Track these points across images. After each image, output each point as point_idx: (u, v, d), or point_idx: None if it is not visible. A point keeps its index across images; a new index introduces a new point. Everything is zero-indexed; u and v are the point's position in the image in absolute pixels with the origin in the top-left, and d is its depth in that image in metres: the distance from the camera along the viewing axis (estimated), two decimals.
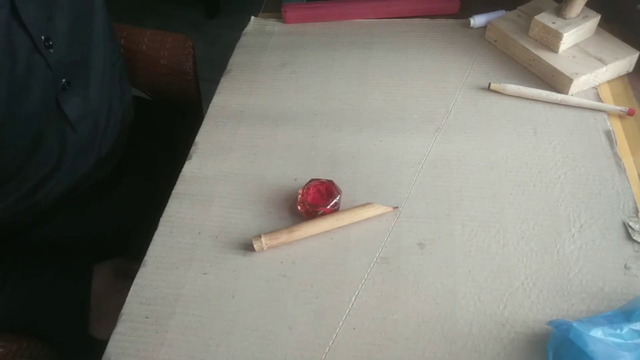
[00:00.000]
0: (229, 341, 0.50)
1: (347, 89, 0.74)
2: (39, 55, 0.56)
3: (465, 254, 0.55)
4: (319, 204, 0.57)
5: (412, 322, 0.50)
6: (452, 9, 0.84)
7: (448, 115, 0.69)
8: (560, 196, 0.59)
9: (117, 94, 0.74)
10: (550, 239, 0.55)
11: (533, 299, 0.51)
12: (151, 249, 0.58)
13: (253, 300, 0.53)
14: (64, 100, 0.62)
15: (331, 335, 0.50)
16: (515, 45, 0.74)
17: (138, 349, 0.50)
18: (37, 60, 0.56)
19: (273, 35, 0.84)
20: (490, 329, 0.49)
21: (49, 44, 0.57)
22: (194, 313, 0.52)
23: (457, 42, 0.79)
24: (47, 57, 0.57)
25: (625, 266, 0.52)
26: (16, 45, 0.53)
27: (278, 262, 0.55)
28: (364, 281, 0.53)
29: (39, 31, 0.56)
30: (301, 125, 0.69)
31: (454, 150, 0.64)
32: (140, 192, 0.77)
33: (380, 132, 0.67)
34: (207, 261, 0.56)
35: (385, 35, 0.82)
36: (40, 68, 0.57)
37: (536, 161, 0.62)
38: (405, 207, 0.59)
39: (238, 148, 0.67)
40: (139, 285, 0.55)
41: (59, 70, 0.60)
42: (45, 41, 0.57)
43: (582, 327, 0.43)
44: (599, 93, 0.69)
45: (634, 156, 0.62)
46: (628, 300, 0.48)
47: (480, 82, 0.72)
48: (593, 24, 0.71)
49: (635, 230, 0.55)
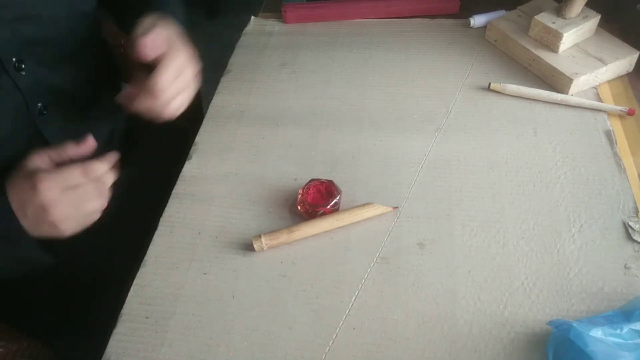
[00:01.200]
0: (229, 341, 0.50)
1: (347, 89, 0.74)
2: (6, 77, 0.55)
3: (465, 254, 0.55)
4: (319, 204, 0.57)
5: (412, 322, 0.50)
6: (452, 9, 0.85)
7: (448, 115, 0.69)
8: (560, 196, 0.59)
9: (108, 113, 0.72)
10: (550, 239, 0.55)
11: (533, 299, 0.51)
12: (151, 249, 0.58)
13: (253, 300, 0.53)
14: (43, 125, 0.60)
15: (331, 335, 0.50)
16: (515, 45, 0.74)
17: (138, 349, 0.50)
18: (4, 82, 0.55)
19: (273, 35, 0.84)
20: (490, 329, 0.49)
21: (19, 67, 0.55)
22: (194, 313, 0.52)
23: (457, 42, 0.79)
24: (17, 80, 0.56)
25: (625, 266, 0.52)
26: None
27: (278, 262, 0.55)
28: (364, 281, 0.53)
29: (8, 53, 0.54)
30: (301, 125, 0.69)
31: (454, 150, 0.64)
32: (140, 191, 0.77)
33: (380, 132, 0.67)
34: (207, 261, 0.56)
35: (385, 35, 0.82)
36: (7, 90, 0.55)
37: (536, 161, 0.62)
38: (405, 207, 0.59)
39: (238, 148, 0.67)
40: (139, 285, 0.55)
41: (33, 94, 0.58)
42: (16, 63, 0.55)
43: (582, 327, 0.43)
44: (599, 93, 0.69)
45: (634, 156, 0.62)
46: (628, 300, 0.48)
47: (480, 82, 0.72)
48: (593, 24, 0.71)
49: (635, 230, 0.55)
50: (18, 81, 0.56)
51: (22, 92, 0.57)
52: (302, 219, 0.58)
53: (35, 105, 0.59)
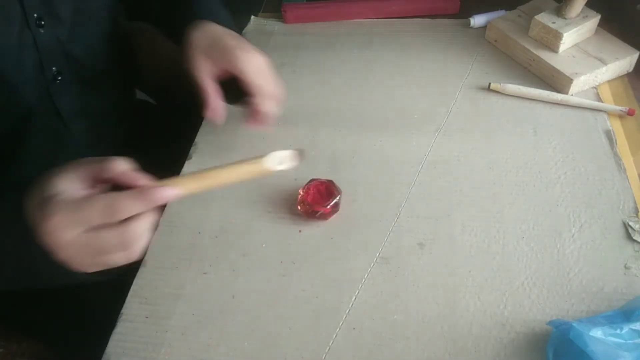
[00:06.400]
0: (229, 341, 0.50)
1: (347, 89, 0.74)
2: (28, 32, 0.55)
3: (465, 254, 0.55)
4: (319, 203, 0.57)
5: (412, 322, 0.50)
6: (452, 9, 0.84)
7: (448, 115, 0.69)
8: (560, 196, 0.59)
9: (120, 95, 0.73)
10: (550, 239, 0.55)
11: (533, 299, 0.51)
12: (151, 249, 0.58)
13: (253, 300, 0.53)
14: (56, 93, 0.61)
15: (331, 335, 0.50)
16: (515, 45, 0.74)
17: (138, 349, 0.50)
18: (26, 37, 0.55)
19: (273, 35, 0.84)
20: (490, 329, 0.49)
21: (39, 24, 0.56)
22: (194, 313, 0.52)
23: (457, 42, 0.79)
24: (36, 37, 0.56)
25: (625, 266, 0.52)
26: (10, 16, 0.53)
27: (278, 262, 0.55)
28: (364, 281, 0.53)
29: (32, 8, 0.55)
30: (301, 125, 0.69)
31: (454, 150, 0.64)
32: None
33: (380, 132, 0.67)
34: (207, 261, 0.56)
35: (385, 35, 0.82)
36: (28, 47, 0.56)
37: (536, 161, 0.62)
38: (405, 207, 0.59)
39: (238, 148, 0.67)
40: (139, 285, 0.55)
41: (49, 55, 0.59)
42: (37, 20, 0.55)
43: (582, 327, 0.43)
44: (599, 93, 0.69)
45: (634, 156, 0.62)
46: (628, 300, 0.48)
47: (480, 82, 0.72)
48: (593, 24, 0.71)
49: (635, 230, 0.55)
50: (37, 38, 0.56)
51: (39, 51, 0.57)
52: (302, 219, 0.58)
53: (50, 69, 0.59)
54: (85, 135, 0.67)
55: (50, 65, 0.59)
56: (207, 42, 0.59)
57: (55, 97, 0.61)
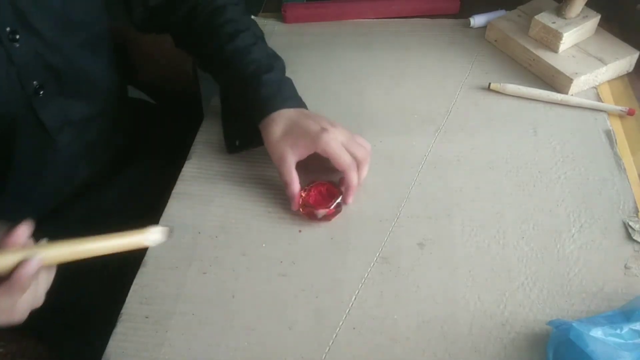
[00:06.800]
0: (229, 341, 0.50)
1: (347, 89, 0.74)
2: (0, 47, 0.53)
3: (465, 254, 0.55)
4: (321, 205, 0.57)
5: (412, 322, 0.50)
6: (452, 9, 0.84)
7: (448, 115, 0.69)
8: (560, 196, 0.59)
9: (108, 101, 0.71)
10: (550, 239, 0.55)
11: (533, 299, 0.51)
12: (151, 248, 0.57)
13: (253, 300, 0.53)
14: (40, 107, 0.59)
15: (331, 335, 0.50)
16: (515, 45, 0.74)
17: (138, 349, 0.50)
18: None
19: (273, 35, 0.84)
20: (490, 329, 0.49)
21: (13, 37, 0.53)
22: (194, 313, 0.52)
23: (457, 42, 0.79)
24: (11, 51, 0.54)
25: (625, 266, 0.52)
26: None
27: (278, 262, 0.55)
28: (364, 281, 0.53)
29: (2, 23, 0.52)
30: None
31: (454, 150, 0.64)
32: (140, 191, 0.77)
33: (380, 132, 0.67)
34: (207, 261, 0.56)
35: (385, 35, 0.82)
36: (1, 63, 0.54)
37: (536, 161, 0.62)
38: (405, 207, 0.59)
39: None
40: (139, 285, 0.54)
41: (28, 70, 0.56)
42: (10, 34, 0.53)
43: (582, 327, 0.43)
44: (599, 93, 0.69)
45: (634, 156, 0.62)
46: (628, 300, 0.48)
47: (480, 82, 0.72)
48: (593, 24, 0.71)
49: (635, 230, 0.55)
50: (12, 52, 0.54)
51: (16, 66, 0.55)
52: (303, 219, 0.58)
53: (30, 83, 0.57)
54: (72, 145, 0.66)
55: (31, 79, 0.57)
56: (286, 128, 0.59)
57: (39, 111, 0.59)
